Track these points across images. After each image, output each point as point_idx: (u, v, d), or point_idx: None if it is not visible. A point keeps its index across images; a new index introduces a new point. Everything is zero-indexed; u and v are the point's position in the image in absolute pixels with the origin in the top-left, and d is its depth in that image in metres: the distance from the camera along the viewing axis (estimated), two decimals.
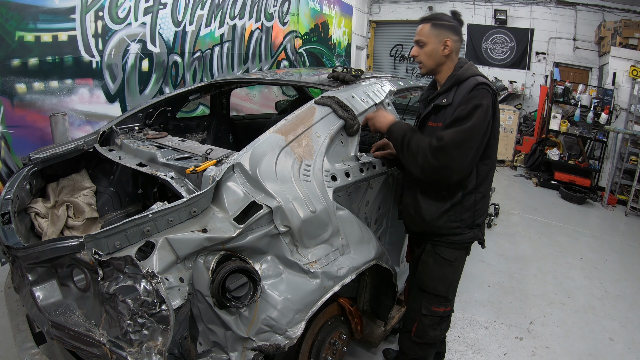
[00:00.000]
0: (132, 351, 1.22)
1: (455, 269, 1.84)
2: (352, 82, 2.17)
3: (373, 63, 10.62)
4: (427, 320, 1.86)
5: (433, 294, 1.84)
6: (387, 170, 2.07)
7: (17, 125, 3.41)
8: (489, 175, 1.75)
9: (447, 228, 1.75)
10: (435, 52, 1.72)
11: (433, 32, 1.70)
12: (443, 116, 1.70)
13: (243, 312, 1.38)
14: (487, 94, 1.61)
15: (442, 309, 1.85)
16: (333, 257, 1.61)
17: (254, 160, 1.57)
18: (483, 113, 1.58)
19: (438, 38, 1.71)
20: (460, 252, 1.83)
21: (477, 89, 1.62)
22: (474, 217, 1.75)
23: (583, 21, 7.91)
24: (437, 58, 1.73)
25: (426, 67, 1.77)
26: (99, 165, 2.45)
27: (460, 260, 1.86)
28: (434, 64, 1.75)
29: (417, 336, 1.90)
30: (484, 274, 3.49)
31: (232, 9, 5.65)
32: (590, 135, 6.28)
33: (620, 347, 2.68)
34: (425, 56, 1.74)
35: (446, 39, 1.71)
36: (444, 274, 1.82)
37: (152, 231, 1.34)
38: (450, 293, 1.87)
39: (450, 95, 1.70)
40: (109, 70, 4.13)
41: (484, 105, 1.58)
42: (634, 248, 4.41)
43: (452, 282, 1.86)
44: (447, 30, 1.71)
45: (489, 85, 1.65)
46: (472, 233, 1.78)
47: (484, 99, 1.60)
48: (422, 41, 1.72)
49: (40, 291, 1.44)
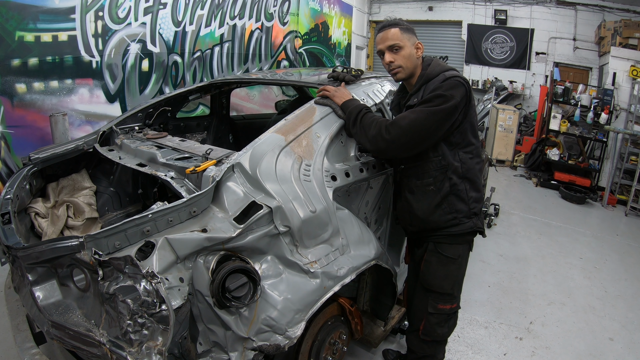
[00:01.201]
0: (132, 351, 1.22)
1: (459, 265, 1.84)
2: (352, 82, 2.17)
3: (373, 63, 10.62)
4: (434, 318, 1.86)
5: (438, 292, 1.83)
6: (387, 170, 2.07)
7: (17, 125, 3.41)
8: (472, 163, 1.75)
9: (443, 221, 1.76)
10: (412, 55, 1.74)
11: (405, 36, 1.72)
12: None
13: (243, 312, 1.38)
14: (457, 85, 1.62)
15: (448, 306, 1.85)
16: (333, 257, 1.61)
17: (254, 160, 1.57)
18: (444, 100, 1.59)
19: (410, 41, 1.73)
20: (462, 248, 1.83)
21: (446, 82, 1.63)
22: (469, 206, 1.76)
23: (583, 21, 7.91)
24: (414, 60, 1.75)
25: (405, 70, 1.76)
26: (99, 165, 2.45)
27: (464, 257, 1.86)
28: (412, 66, 1.76)
29: (425, 334, 1.89)
30: (484, 274, 3.49)
31: (232, 9, 5.65)
32: (590, 135, 6.28)
33: (620, 347, 2.68)
34: (404, 59, 1.73)
35: (417, 42, 1.75)
36: (448, 272, 1.82)
37: (152, 231, 1.34)
38: (455, 290, 1.87)
39: (419, 93, 1.72)
40: (109, 70, 4.13)
41: (448, 95, 1.59)
42: (634, 248, 4.41)
43: (457, 279, 1.86)
44: (412, 34, 1.75)
45: (459, 76, 1.66)
46: (471, 222, 1.78)
47: (452, 89, 1.60)
48: (397, 45, 1.71)
49: (40, 291, 1.44)
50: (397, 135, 1.62)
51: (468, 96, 1.65)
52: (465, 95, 1.63)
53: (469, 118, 1.70)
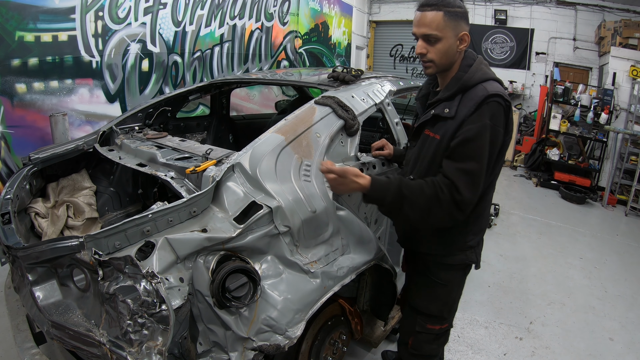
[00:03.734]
0: (132, 351, 1.22)
1: (449, 290, 1.65)
2: (352, 82, 2.17)
3: (373, 63, 10.62)
4: (423, 337, 1.70)
5: (425, 313, 1.67)
6: (387, 170, 2.07)
7: (17, 125, 3.41)
8: (487, 193, 1.52)
9: (434, 249, 1.59)
10: (451, 50, 1.39)
11: (449, 24, 1.35)
12: (443, 128, 1.43)
13: (243, 312, 1.38)
14: (498, 109, 1.34)
15: (437, 326, 1.68)
16: (333, 257, 1.62)
17: (254, 160, 1.57)
18: (494, 135, 1.33)
19: (455, 31, 1.37)
20: (453, 274, 1.63)
21: (488, 103, 1.33)
22: (465, 240, 1.55)
23: (583, 21, 7.91)
24: (452, 55, 1.41)
25: (438, 67, 1.43)
26: (99, 165, 2.45)
27: (455, 282, 1.66)
28: (447, 62, 1.43)
29: (414, 349, 1.75)
30: (484, 274, 3.49)
31: (232, 9, 5.65)
32: (590, 135, 6.28)
33: (620, 347, 2.68)
34: (439, 54, 1.39)
35: (463, 32, 1.39)
36: (435, 296, 1.64)
37: (152, 231, 1.34)
38: (445, 312, 1.68)
39: (453, 105, 1.41)
40: (109, 70, 4.12)
41: (495, 127, 1.34)
42: (634, 248, 4.41)
43: (447, 302, 1.67)
44: (462, 21, 1.37)
45: (502, 95, 1.35)
46: (463, 255, 1.57)
47: (494, 118, 1.33)
48: (434, 36, 1.36)
49: (40, 291, 1.44)
50: (469, 210, 1.38)
51: (506, 121, 1.38)
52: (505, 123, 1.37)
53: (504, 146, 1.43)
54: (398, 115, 2.23)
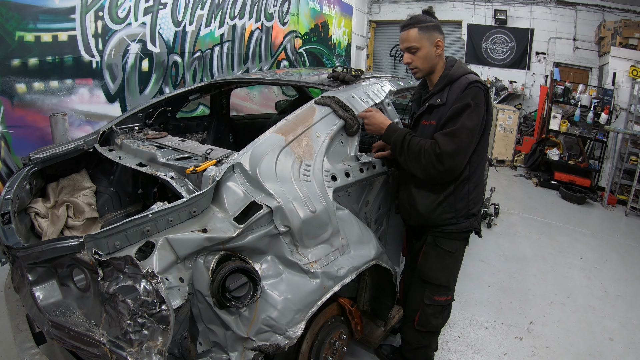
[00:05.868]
0: (132, 351, 1.22)
1: (456, 259, 1.91)
2: (352, 82, 2.17)
3: (373, 63, 10.62)
4: (430, 309, 1.92)
5: (435, 284, 1.89)
6: (387, 170, 2.07)
7: (17, 125, 3.41)
8: (480, 165, 1.81)
9: (442, 219, 1.81)
10: (429, 55, 1.76)
11: (424, 36, 1.74)
12: (437, 114, 1.76)
13: (243, 312, 1.38)
14: (479, 91, 1.68)
15: (444, 298, 1.92)
16: (333, 257, 1.62)
17: (254, 160, 1.57)
18: (477, 112, 1.66)
19: (430, 40, 1.75)
20: (459, 243, 1.89)
21: (470, 88, 1.68)
22: (468, 207, 1.81)
23: (583, 21, 7.91)
24: (432, 60, 1.78)
25: (422, 71, 1.81)
26: (99, 165, 2.45)
27: (461, 251, 1.92)
28: (429, 66, 1.80)
29: (421, 325, 1.96)
30: (484, 274, 3.49)
31: (232, 9, 5.65)
32: (590, 135, 6.28)
33: (620, 347, 2.68)
34: (421, 60, 1.77)
35: (437, 40, 1.76)
36: (445, 265, 1.89)
37: (152, 231, 1.34)
38: (451, 282, 1.94)
39: (443, 94, 1.76)
40: (109, 70, 4.12)
41: (477, 105, 1.66)
42: (634, 248, 4.41)
43: (454, 272, 1.93)
44: (434, 31, 1.75)
45: (480, 82, 1.71)
46: (468, 222, 1.83)
47: (476, 97, 1.66)
48: (414, 47, 1.75)
49: (40, 291, 1.44)
50: (449, 165, 1.65)
51: (487, 102, 1.71)
52: (485, 101, 1.69)
53: (485, 123, 1.74)
54: (398, 115, 2.23)
